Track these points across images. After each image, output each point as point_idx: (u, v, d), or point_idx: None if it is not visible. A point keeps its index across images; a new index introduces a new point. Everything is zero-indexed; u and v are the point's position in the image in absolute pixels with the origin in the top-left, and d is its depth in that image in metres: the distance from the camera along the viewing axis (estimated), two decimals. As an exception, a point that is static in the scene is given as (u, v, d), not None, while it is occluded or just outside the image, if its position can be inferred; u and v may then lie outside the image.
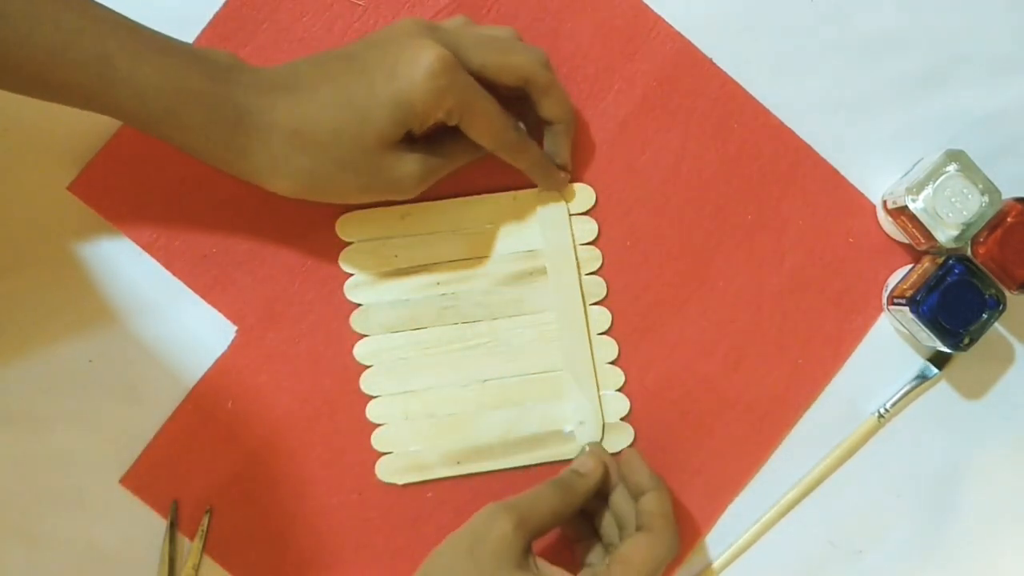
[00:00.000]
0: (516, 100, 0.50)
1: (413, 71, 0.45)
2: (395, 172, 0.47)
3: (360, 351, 0.53)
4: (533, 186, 0.53)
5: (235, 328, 0.53)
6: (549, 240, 0.53)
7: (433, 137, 0.49)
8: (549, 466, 0.53)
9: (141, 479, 0.53)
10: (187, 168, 0.52)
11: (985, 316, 0.48)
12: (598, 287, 0.53)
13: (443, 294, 0.53)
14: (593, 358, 0.53)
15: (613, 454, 0.52)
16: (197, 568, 0.52)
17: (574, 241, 0.53)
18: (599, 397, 0.53)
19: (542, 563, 0.46)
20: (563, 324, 0.53)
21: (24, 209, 0.53)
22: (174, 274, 0.53)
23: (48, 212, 0.53)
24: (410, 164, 0.47)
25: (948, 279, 0.48)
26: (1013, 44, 0.54)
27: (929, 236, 0.48)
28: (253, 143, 0.45)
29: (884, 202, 0.52)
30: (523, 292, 0.53)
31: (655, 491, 0.48)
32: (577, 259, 0.53)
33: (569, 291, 0.53)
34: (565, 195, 0.53)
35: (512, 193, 0.53)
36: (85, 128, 0.53)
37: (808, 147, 0.54)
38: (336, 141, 0.45)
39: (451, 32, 0.47)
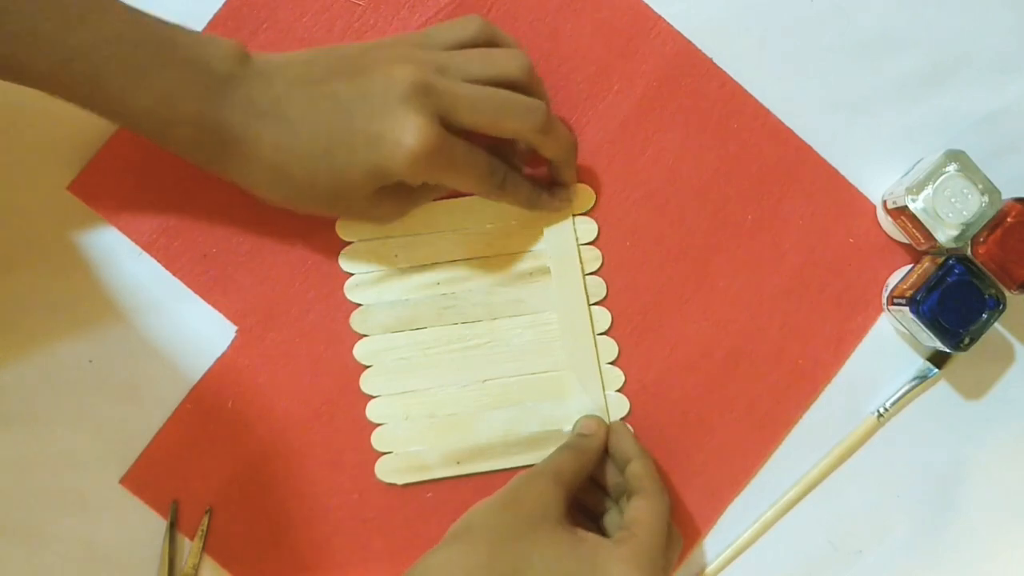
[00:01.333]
0: None
1: (394, 150, 0.45)
2: (370, 213, 0.49)
3: (360, 351, 0.53)
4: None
5: (235, 328, 0.53)
6: (552, 241, 0.53)
7: None
8: (549, 466, 0.53)
9: (141, 479, 0.53)
10: (187, 168, 0.52)
11: (985, 316, 0.48)
12: (598, 287, 0.53)
13: (443, 294, 0.53)
14: (598, 359, 0.53)
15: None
16: (197, 568, 0.52)
17: (577, 241, 0.53)
18: (604, 398, 0.53)
19: (578, 528, 0.46)
20: (566, 325, 0.53)
21: (24, 209, 0.53)
22: (174, 274, 0.53)
23: (48, 212, 0.53)
24: (384, 208, 0.49)
25: (948, 279, 0.48)
26: (1013, 44, 0.54)
27: (929, 236, 0.48)
28: (237, 167, 0.47)
29: (884, 202, 0.52)
30: (523, 292, 0.53)
31: (639, 458, 0.49)
32: (581, 259, 0.53)
33: (572, 292, 0.53)
34: (574, 205, 0.53)
35: (512, 193, 0.53)
36: (85, 128, 0.53)
37: (808, 147, 0.54)
38: (311, 184, 0.46)
39: (448, 93, 0.46)
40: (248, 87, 0.46)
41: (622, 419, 0.53)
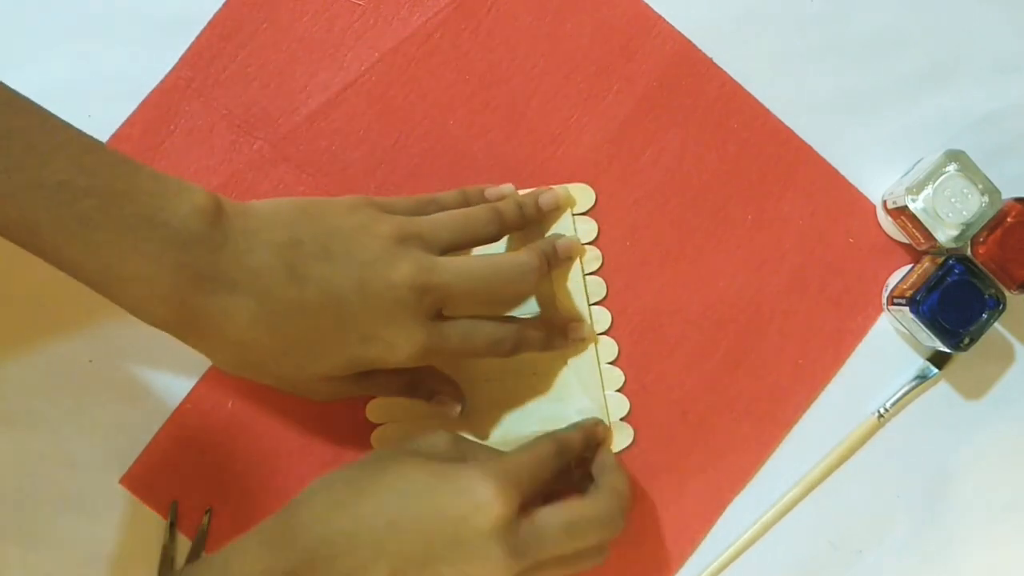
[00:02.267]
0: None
1: (388, 352, 0.44)
2: (314, 392, 0.47)
3: (360, 351, 0.53)
4: (533, 188, 0.53)
5: (235, 328, 0.53)
6: (549, 240, 0.53)
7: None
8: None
9: (141, 479, 0.53)
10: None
11: (985, 316, 0.48)
12: (598, 287, 0.53)
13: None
14: (598, 359, 0.53)
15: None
16: (197, 568, 0.52)
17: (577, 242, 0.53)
18: (604, 398, 0.53)
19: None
20: (563, 324, 0.53)
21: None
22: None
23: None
24: (333, 387, 0.47)
25: (948, 279, 0.48)
26: (1013, 44, 0.54)
27: (929, 236, 0.48)
28: (192, 336, 0.43)
29: (884, 202, 0.52)
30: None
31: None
32: (581, 259, 0.53)
33: (573, 291, 0.53)
34: (576, 206, 0.53)
35: (512, 193, 0.53)
36: (84, 128, 0.53)
37: (808, 147, 0.54)
38: (280, 365, 0.44)
39: (443, 287, 0.44)
40: (218, 253, 0.41)
41: (622, 419, 0.53)
